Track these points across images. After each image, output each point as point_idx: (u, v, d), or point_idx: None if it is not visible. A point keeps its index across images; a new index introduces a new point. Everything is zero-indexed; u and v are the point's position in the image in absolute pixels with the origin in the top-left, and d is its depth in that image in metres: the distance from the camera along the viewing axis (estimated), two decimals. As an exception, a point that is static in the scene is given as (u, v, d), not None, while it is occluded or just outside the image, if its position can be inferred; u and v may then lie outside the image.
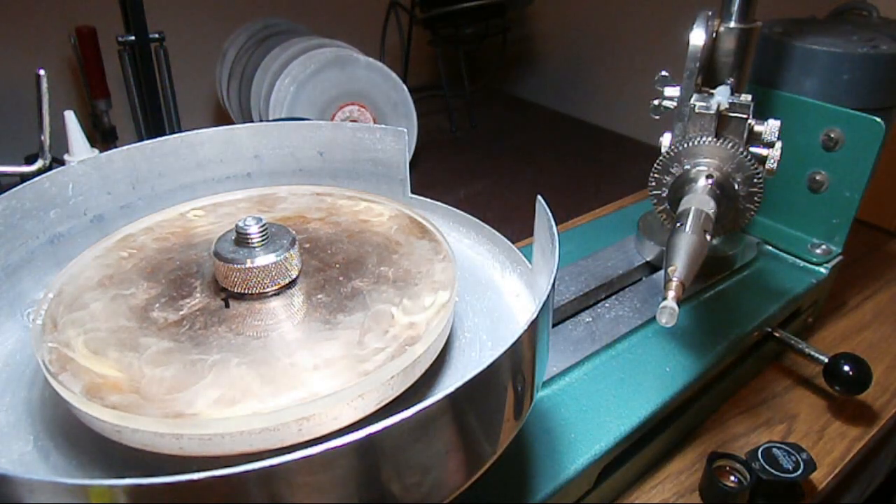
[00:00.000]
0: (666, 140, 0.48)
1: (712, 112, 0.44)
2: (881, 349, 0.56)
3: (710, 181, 0.44)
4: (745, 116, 0.45)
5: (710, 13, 0.46)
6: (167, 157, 0.38)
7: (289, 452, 0.18)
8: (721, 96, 0.45)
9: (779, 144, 0.45)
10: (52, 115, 0.59)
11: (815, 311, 0.58)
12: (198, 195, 0.39)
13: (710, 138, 0.45)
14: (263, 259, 0.29)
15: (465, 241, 0.39)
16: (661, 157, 0.47)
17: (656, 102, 0.49)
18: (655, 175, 0.47)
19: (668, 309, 0.34)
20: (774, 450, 0.42)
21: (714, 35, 0.47)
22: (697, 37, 0.44)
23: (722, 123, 0.46)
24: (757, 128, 0.45)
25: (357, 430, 0.19)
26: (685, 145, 0.45)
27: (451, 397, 0.21)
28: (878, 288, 0.64)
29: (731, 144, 0.44)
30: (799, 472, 0.40)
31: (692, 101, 0.45)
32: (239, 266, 0.28)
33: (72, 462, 0.26)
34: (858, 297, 0.63)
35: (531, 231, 0.33)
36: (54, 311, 0.29)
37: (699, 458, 0.45)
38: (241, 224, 0.29)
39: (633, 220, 0.57)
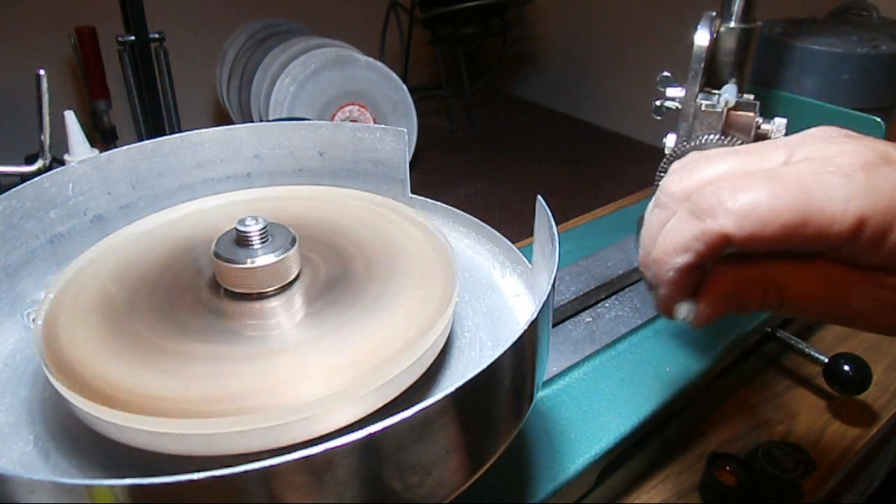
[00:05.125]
0: (670, 141, 0.48)
1: (720, 110, 0.45)
2: (881, 349, 0.56)
3: None
4: (752, 114, 0.45)
5: (713, 14, 0.46)
6: (167, 157, 0.38)
7: (289, 452, 0.18)
8: (728, 94, 0.45)
9: None
10: (52, 115, 0.59)
11: (816, 311, 0.58)
12: (198, 195, 0.39)
13: (716, 136, 0.45)
14: (263, 259, 0.29)
15: (465, 241, 0.39)
16: (666, 156, 0.47)
17: (658, 103, 0.49)
18: (662, 174, 0.47)
19: (688, 302, 0.33)
20: (774, 450, 0.42)
21: (714, 35, 0.47)
22: (702, 38, 0.45)
23: (729, 122, 0.46)
24: (764, 126, 0.46)
25: (357, 430, 0.19)
26: (691, 144, 0.45)
27: (451, 397, 0.21)
28: (878, 288, 0.64)
29: (738, 142, 0.44)
30: (799, 472, 0.40)
31: (699, 100, 0.46)
32: (239, 266, 0.28)
33: (72, 462, 0.26)
34: (858, 297, 0.63)
35: (531, 231, 0.33)
36: (54, 311, 0.29)
37: (699, 458, 0.45)
38: (241, 224, 0.29)
39: (633, 220, 0.57)
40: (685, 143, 0.46)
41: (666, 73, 0.48)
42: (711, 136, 0.45)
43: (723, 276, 0.26)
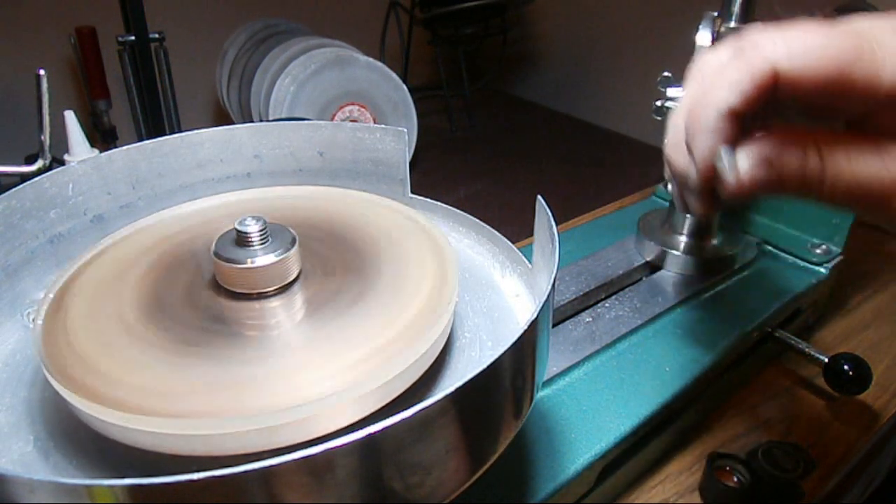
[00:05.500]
0: None
1: None
2: (881, 349, 0.56)
3: None
4: None
5: (714, 14, 0.46)
6: (167, 157, 0.38)
7: (289, 452, 0.18)
8: None
9: None
10: (52, 115, 0.59)
11: (816, 311, 0.58)
12: (198, 195, 0.39)
13: None
14: (263, 259, 0.29)
15: (465, 241, 0.39)
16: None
17: (659, 103, 0.49)
18: None
19: (728, 151, 0.28)
20: (774, 450, 0.42)
21: (715, 35, 0.47)
22: (704, 38, 0.45)
23: None
24: None
25: (357, 430, 0.19)
26: None
27: (451, 397, 0.21)
28: (878, 288, 0.64)
29: None
30: (799, 472, 0.40)
31: None
32: (239, 266, 0.28)
33: (72, 462, 0.26)
34: (858, 297, 0.63)
35: (531, 231, 0.33)
36: (55, 311, 0.29)
37: (699, 458, 0.45)
38: (241, 224, 0.29)
39: (633, 220, 0.57)
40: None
41: (666, 74, 0.48)
42: None
43: (763, 135, 0.25)
